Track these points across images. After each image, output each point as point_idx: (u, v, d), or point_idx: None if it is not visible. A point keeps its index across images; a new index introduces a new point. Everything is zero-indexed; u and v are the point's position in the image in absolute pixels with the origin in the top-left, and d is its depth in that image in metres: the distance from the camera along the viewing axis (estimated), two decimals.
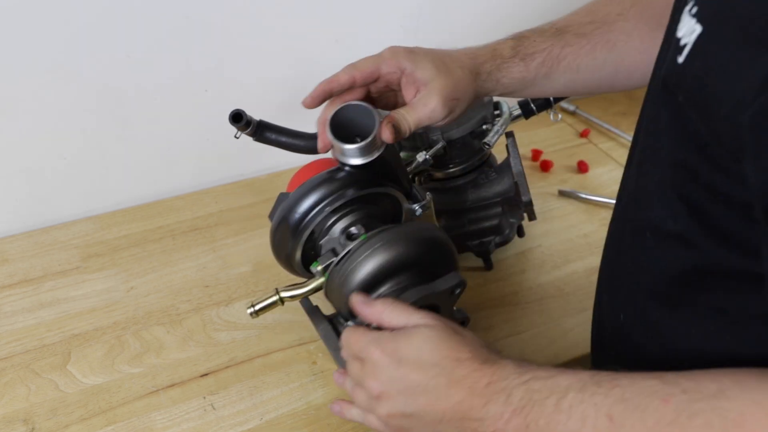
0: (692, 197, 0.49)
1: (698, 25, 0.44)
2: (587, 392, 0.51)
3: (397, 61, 0.68)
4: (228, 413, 0.76)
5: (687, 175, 0.49)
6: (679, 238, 0.52)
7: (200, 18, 0.98)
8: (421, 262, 0.67)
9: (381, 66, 0.68)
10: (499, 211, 0.90)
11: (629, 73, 0.74)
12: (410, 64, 0.67)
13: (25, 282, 0.92)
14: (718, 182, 0.46)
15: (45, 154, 1.00)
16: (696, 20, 0.45)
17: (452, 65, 0.68)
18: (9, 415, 0.75)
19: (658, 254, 0.55)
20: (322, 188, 0.68)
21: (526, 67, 0.71)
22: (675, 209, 0.51)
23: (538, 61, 0.71)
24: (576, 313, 0.87)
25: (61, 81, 0.95)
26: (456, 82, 0.67)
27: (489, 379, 0.55)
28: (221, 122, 0.81)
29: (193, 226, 1.02)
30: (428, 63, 0.67)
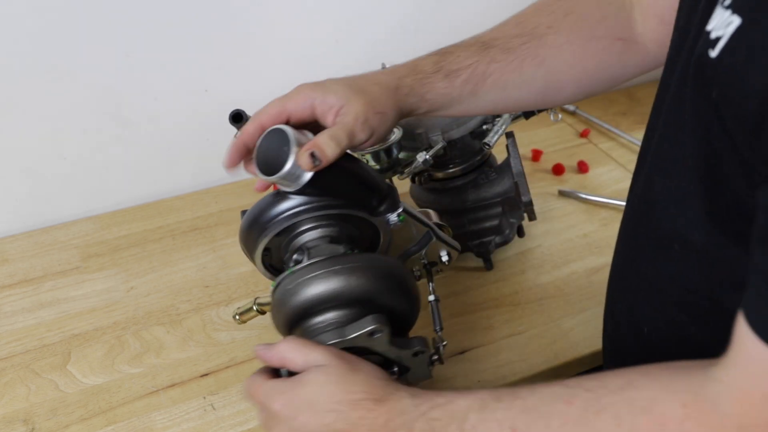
0: (722, 208, 0.47)
1: (735, 16, 0.42)
2: (488, 410, 0.51)
3: (303, 96, 0.65)
4: (228, 413, 0.76)
5: (717, 185, 0.47)
6: (710, 250, 0.50)
7: (200, 18, 0.98)
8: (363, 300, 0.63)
9: (287, 105, 0.65)
10: (499, 211, 0.90)
11: (559, 88, 0.72)
12: (319, 94, 0.65)
13: (25, 282, 0.92)
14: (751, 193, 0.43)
15: (45, 154, 1.00)
16: (731, 11, 0.42)
17: (366, 84, 0.67)
18: (9, 415, 0.75)
19: (687, 266, 0.53)
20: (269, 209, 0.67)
21: (450, 83, 0.68)
22: (704, 220, 0.49)
23: (462, 78, 0.68)
24: (576, 313, 0.87)
25: (61, 81, 0.95)
26: (373, 98, 0.65)
27: (386, 417, 0.54)
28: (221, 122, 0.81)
29: (193, 226, 1.02)
30: (338, 87, 0.65)
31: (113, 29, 0.94)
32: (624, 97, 1.29)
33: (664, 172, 0.54)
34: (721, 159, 0.45)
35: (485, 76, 0.69)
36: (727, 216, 0.47)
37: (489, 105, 0.71)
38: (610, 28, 0.70)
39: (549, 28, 0.70)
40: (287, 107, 0.65)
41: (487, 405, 0.51)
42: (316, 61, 1.09)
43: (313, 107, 0.65)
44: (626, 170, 1.11)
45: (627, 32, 0.70)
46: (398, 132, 0.84)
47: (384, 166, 0.85)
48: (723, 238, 0.48)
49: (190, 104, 1.04)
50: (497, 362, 0.80)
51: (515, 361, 0.80)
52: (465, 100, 0.69)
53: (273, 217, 0.67)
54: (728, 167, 0.45)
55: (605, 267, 0.93)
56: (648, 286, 0.59)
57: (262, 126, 0.65)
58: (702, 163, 0.47)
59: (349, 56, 1.10)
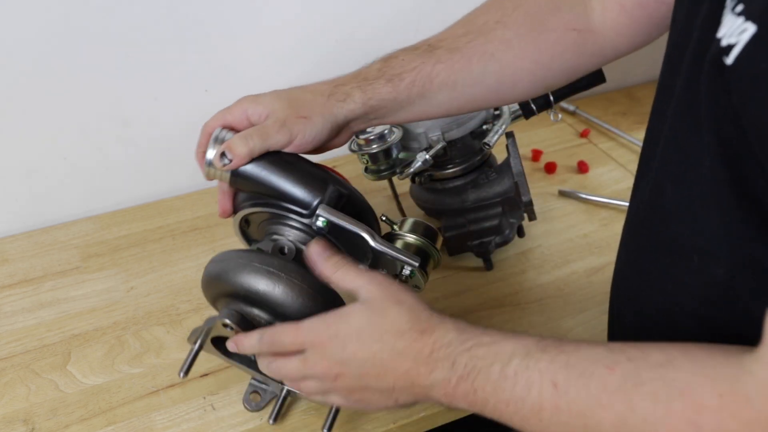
0: (746, 215, 0.47)
1: (749, 23, 0.41)
2: (532, 359, 0.52)
3: (239, 107, 0.69)
4: (228, 413, 0.76)
5: (736, 195, 0.46)
6: (735, 260, 0.49)
7: (200, 18, 0.98)
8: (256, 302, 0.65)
9: (226, 116, 0.69)
10: (499, 211, 0.90)
11: (514, 82, 0.71)
12: (251, 105, 0.69)
13: (25, 282, 0.92)
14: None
15: (45, 154, 1.00)
16: (744, 18, 0.42)
17: (298, 93, 0.70)
18: (9, 415, 0.75)
19: (708, 278, 0.52)
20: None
21: (394, 87, 0.68)
22: (726, 230, 0.49)
23: (407, 81, 0.68)
24: (576, 313, 0.87)
25: (62, 81, 0.95)
26: (298, 104, 0.68)
27: (431, 348, 0.56)
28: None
29: (193, 226, 1.02)
30: (269, 97, 0.69)
31: (113, 29, 0.94)
32: (624, 97, 1.29)
33: (675, 180, 0.53)
34: (742, 165, 0.45)
35: (431, 77, 0.69)
36: (752, 222, 0.46)
37: (442, 106, 0.71)
38: (563, 19, 0.69)
39: (497, 23, 0.70)
40: (227, 118, 0.70)
41: (531, 353, 0.52)
42: (316, 61, 1.09)
43: (248, 116, 0.69)
44: (626, 170, 1.11)
45: (582, 22, 0.69)
46: (398, 132, 0.85)
47: (383, 167, 0.85)
48: (750, 245, 0.47)
49: (190, 104, 1.04)
50: None
51: None
52: (415, 103, 0.70)
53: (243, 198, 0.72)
54: (750, 172, 0.44)
55: (605, 267, 0.93)
56: (661, 297, 0.58)
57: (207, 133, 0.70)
58: (721, 170, 0.47)
59: (349, 56, 1.10)
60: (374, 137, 0.82)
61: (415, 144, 0.86)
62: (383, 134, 0.83)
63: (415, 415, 0.75)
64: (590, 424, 0.49)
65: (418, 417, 0.75)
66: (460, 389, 0.54)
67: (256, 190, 0.70)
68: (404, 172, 0.84)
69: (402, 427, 0.74)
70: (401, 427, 0.74)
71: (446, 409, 0.75)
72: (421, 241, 0.74)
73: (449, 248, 0.91)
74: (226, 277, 0.66)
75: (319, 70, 1.10)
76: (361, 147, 0.83)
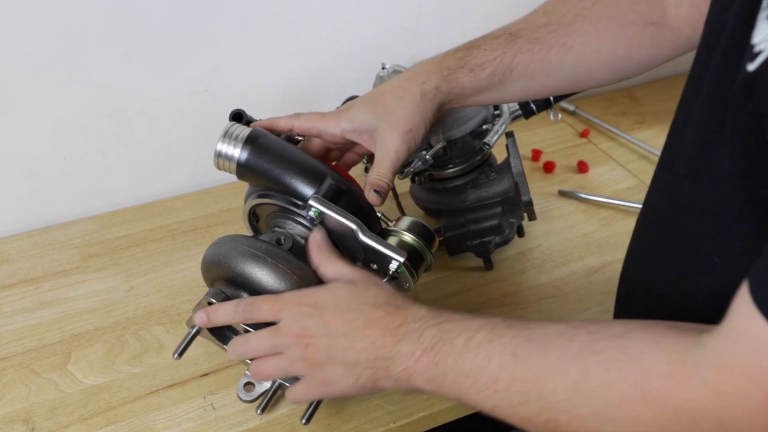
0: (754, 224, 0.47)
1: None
2: (496, 333, 0.54)
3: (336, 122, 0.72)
4: (228, 413, 0.76)
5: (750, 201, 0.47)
6: (739, 260, 0.49)
7: (200, 18, 0.98)
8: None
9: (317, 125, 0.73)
10: (499, 211, 0.90)
11: (590, 72, 0.73)
12: (346, 123, 0.72)
13: (25, 282, 0.92)
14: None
15: (45, 154, 1.00)
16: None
17: (390, 103, 0.71)
18: (9, 415, 0.75)
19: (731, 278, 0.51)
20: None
21: (476, 77, 0.71)
22: (735, 233, 0.49)
23: (488, 71, 0.71)
24: (576, 313, 0.87)
25: (62, 81, 0.95)
26: (399, 118, 0.70)
27: (402, 320, 0.58)
28: (221, 122, 0.81)
29: (193, 226, 1.02)
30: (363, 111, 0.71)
31: (113, 29, 0.94)
32: (624, 97, 1.29)
33: (697, 180, 0.54)
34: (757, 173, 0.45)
35: (512, 68, 0.71)
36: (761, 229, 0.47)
37: (518, 93, 0.74)
38: (641, 13, 0.70)
39: (577, 16, 0.71)
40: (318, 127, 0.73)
41: (496, 329, 0.55)
42: (316, 61, 1.09)
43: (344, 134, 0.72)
44: (626, 170, 1.11)
45: (659, 16, 0.70)
46: None
47: None
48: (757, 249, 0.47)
49: (190, 104, 1.04)
50: None
51: None
52: (493, 89, 0.72)
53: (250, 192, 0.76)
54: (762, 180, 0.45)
55: (605, 267, 0.93)
56: (672, 289, 0.59)
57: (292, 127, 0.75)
58: (738, 174, 0.47)
59: (349, 56, 1.11)
60: None
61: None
62: None
63: (416, 415, 0.75)
64: (544, 392, 0.51)
65: (419, 416, 0.75)
66: (422, 362, 0.56)
67: (261, 183, 0.73)
68: (404, 172, 0.84)
69: (402, 426, 0.74)
70: (401, 427, 0.74)
71: (447, 408, 0.75)
72: (415, 240, 0.74)
73: (449, 248, 0.91)
74: (218, 259, 0.69)
75: (320, 70, 1.11)
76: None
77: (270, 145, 0.73)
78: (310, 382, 0.63)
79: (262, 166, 0.71)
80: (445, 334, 0.56)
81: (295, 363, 0.63)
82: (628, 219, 1.01)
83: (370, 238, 0.69)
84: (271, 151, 0.72)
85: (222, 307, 0.66)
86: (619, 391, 0.48)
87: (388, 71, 0.93)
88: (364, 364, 0.59)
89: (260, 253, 0.66)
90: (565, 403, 0.50)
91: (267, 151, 0.72)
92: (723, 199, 0.50)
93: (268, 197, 0.73)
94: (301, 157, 0.73)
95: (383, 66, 0.94)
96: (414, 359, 0.57)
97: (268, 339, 0.63)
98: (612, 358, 0.49)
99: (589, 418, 0.50)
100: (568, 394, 0.50)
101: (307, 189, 0.70)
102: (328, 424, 0.74)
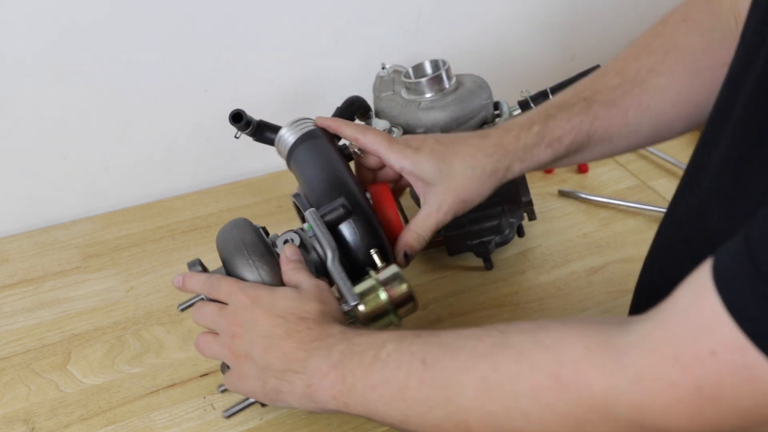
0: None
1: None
2: (405, 342, 0.54)
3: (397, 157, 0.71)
4: None
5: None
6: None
7: (200, 18, 0.98)
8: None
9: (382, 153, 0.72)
10: (499, 210, 0.90)
11: (670, 126, 0.71)
12: (409, 164, 0.70)
13: (25, 282, 0.92)
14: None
15: (45, 154, 1.00)
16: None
17: (458, 167, 0.69)
18: (9, 415, 0.75)
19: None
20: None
21: (554, 151, 0.70)
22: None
23: (566, 143, 0.69)
24: (576, 313, 0.87)
25: (61, 81, 0.95)
26: (461, 186, 0.69)
27: (317, 335, 0.58)
28: (221, 122, 0.81)
29: (193, 226, 1.02)
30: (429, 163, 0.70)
31: (113, 29, 0.94)
32: None
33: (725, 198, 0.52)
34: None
35: (589, 135, 0.69)
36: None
37: (596, 156, 0.73)
38: (715, 55, 0.67)
39: (650, 72, 0.69)
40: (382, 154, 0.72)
41: (405, 338, 0.55)
42: (316, 61, 1.09)
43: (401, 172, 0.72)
44: (626, 170, 1.11)
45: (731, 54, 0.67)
46: (398, 132, 0.85)
47: None
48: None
49: (190, 104, 1.04)
50: None
51: None
52: (571, 156, 0.72)
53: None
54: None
55: (605, 267, 0.93)
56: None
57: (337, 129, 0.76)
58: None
59: (349, 56, 1.11)
60: None
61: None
62: None
63: None
64: (452, 395, 0.50)
65: None
66: (329, 378, 0.56)
67: (298, 179, 0.76)
68: None
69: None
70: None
71: None
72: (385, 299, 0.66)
73: (449, 248, 0.91)
74: (218, 234, 0.71)
75: (320, 70, 1.11)
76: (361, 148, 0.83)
77: (317, 148, 0.74)
78: (232, 372, 0.64)
79: (301, 164, 0.74)
80: (354, 348, 0.56)
81: (222, 348, 0.64)
82: (628, 219, 1.01)
83: (335, 269, 0.66)
84: (315, 155, 0.74)
85: (196, 275, 0.68)
86: (529, 379, 0.46)
87: (388, 71, 0.93)
88: (273, 372, 0.59)
89: (241, 244, 0.68)
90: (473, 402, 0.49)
91: (312, 151, 0.74)
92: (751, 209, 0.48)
93: (296, 197, 0.74)
94: (335, 170, 0.73)
95: (383, 66, 0.94)
96: (321, 375, 0.56)
97: (212, 314, 0.65)
98: (523, 350, 0.47)
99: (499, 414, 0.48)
100: (476, 392, 0.49)
101: (322, 201, 0.70)
102: (328, 424, 0.74)
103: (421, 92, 0.87)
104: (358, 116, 0.92)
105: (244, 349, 0.61)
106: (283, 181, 1.11)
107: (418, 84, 0.86)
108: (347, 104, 0.90)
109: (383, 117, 0.89)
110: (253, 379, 0.62)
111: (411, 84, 0.87)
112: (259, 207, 1.05)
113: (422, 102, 0.86)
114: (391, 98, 0.89)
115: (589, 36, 1.26)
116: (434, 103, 0.86)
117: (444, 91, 0.86)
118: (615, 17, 1.26)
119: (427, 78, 0.86)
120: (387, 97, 0.90)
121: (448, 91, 0.87)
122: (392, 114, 0.87)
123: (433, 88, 0.86)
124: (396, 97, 0.89)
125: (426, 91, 0.87)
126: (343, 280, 0.66)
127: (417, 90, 0.87)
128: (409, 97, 0.88)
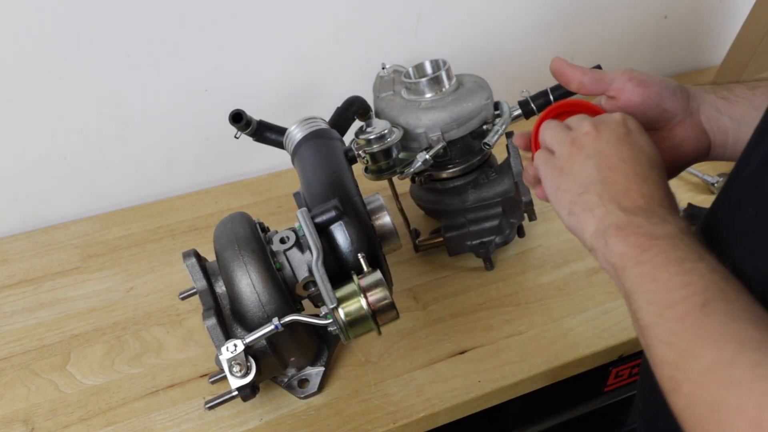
0: None
1: None
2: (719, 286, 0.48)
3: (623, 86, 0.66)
4: (228, 413, 0.76)
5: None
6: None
7: (200, 18, 0.98)
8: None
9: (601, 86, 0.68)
10: (499, 211, 0.90)
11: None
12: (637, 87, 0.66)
13: (25, 282, 0.92)
14: None
15: (45, 154, 1.00)
16: None
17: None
18: (9, 415, 0.75)
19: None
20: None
21: (752, 93, 0.65)
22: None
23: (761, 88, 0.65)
24: (576, 313, 0.87)
25: (62, 81, 0.95)
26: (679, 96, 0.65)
27: (660, 202, 0.55)
28: (221, 122, 0.81)
29: (193, 226, 1.02)
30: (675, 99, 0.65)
31: (113, 29, 0.94)
32: None
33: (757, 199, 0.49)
34: None
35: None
36: None
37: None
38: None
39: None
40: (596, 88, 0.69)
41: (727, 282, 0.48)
42: (316, 61, 1.09)
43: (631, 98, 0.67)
44: None
45: None
46: (398, 132, 0.84)
47: (383, 167, 0.85)
48: None
49: (190, 104, 1.04)
50: (497, 362, 0.80)
51: (515, 361, 0.80)
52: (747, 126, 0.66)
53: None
54: None
55: None
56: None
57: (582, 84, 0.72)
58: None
59: (349, 56, 1.11)
60: (374, 137, 0.82)
61: (415, 144, 0.86)
62: (383, 134, 0.83)
63: (416, 415, 0.75)
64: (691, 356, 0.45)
65: (419, 417, 0.75)
66: (637, 239, 0.52)
67: (299, 175, 0.77)
68: (404, 172, 0.84)
69: (402, 427, 0.74)
70: (401, 428, 0.74)
71: (446, 409, 0.75)
72: (366, 307, 0.66)
73: (449, 248, 0.91)
74: (214, 232, 0.72)
75: (320, 70, 1.11)
76: (361, 147, 0.83)
77: (320, 148, 0.75)
78: (559, 160, 0.62)
79: (303, 163, 0.75)
80: (674, 241, 0.51)
81: (553, 157, 0.63)
82: None
83: (318, 271, 0.65)
84: (317, 154, 0.75)
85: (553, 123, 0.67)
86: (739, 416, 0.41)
87: (388, 71, 0.93)
88: (600, 190, 0.56)
89: (233, 237, 0.68)
90: (700, 377, 0.45)
91: (315, 150, 0.75)
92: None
93: (296, 195, 0.74)
94: (335, 171, 0.73)
95: (383, 66, 0.94)
96: (634, 230, 0.52)
97: (563, 133, 0.63)
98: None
99: (703, 409, 0.44)
100: (707, 378, 0.44)
101: (317, 200, 0.70)
102: (328, 424, 0.74)
103: (421, 92, 0.87)
104: (358, 116, 0.92)
105: (594, 149, 0.58)
106: (283, 181, 1.11)
107: (418, 84, 0.86)
108: (347, 104, 0.90)
109: (383, 117, 0.89)
110: (576, 183, 0.58)
111: (411, 84, 0.87)
112: (259, 207, 1.05)
113: (422, 102, 0.86)
114: (391, 98, 0.89)
115: (589, 36, 1.26)
116: (434, 103, 0.85)
117: (444, 91, 0.86)
118: (615, 17, 1.26)
119: (427, 78, 0.86)
120: (387, 97, 0.90)
121: (448, 91, 0.86)
122: (392, 114, 0.87)
123: (433, 88, 0.86)
124: (396, 97, 0.89)
125: (426, 91, 0.87)
126: (323, 282, 0.65)
127: (417, 90, 0.87)
128: (409, 97, 0.88)
